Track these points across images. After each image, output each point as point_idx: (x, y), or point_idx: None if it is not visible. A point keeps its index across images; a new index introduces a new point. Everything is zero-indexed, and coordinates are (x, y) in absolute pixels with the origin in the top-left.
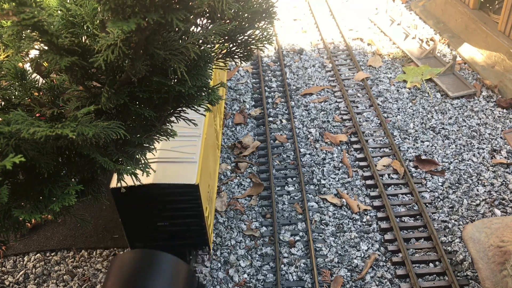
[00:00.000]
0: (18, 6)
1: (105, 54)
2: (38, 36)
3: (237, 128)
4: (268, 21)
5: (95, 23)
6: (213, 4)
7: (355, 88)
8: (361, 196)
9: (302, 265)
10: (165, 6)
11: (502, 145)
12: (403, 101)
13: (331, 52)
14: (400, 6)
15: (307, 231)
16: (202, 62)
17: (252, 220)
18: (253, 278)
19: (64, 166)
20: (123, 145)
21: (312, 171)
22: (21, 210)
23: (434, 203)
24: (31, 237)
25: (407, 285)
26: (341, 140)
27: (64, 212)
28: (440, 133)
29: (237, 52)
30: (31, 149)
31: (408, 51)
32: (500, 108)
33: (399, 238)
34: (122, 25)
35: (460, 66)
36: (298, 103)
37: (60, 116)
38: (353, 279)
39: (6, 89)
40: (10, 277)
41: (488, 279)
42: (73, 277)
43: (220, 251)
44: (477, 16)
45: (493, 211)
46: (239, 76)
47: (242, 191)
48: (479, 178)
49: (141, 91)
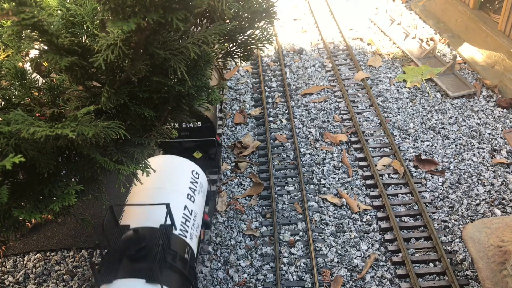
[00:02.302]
0: (18, 6)
1: (105, 54)
2: (38, 36)
3: (237, 128)
4: (268, 21)
5: (95, 23)
6: (213, 4)
7: (355, 88)
8: (361, 196)
9: (302, 265)
10: (165, 6)
11: (502, 145)
12: (403, 101)
13: (331, 52)
14: (400, 6)
15: (307, 230)
16: (202, 62)
17: (252, 220)
18: (253, 278)
19: (64, 166)
20: (123, 145)
21: (312, 171)
22: (21, 210)
23: (434, 203)
24: (31, 237)
25: (407, 284)
26: (341, 140)
27: (64, 212)
28: (440, 133)
29: (237, 51)
30: (31, 149)
31: (408, 51)
32: (500, 107)
33: (399, 237)
34: (122, 25)
35: (460, 66)
36: (298, 102)
37: (60, 116)
38: (353, 279)
39: (6, 89)
40: (10, 277)
41: (488, 279)
42: (73, 277)
43: (220, 251)
44: (477, 16)
45: (493, 211)
46: (239, 76)
47: (242, 191)
48: (479, 177)
49: (141, 91)
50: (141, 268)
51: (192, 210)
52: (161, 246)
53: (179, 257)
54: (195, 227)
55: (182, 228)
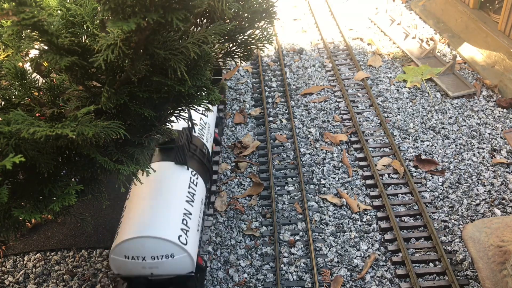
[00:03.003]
0: (18, 6)
1: (105, 54)
2: (38, 36)
3: (237, 127)
4: (268, 20)
5: (95, 23)
6: (213, 4)
7: (355, 87)
8: (361, 196)
9: (302, 265)
10: (165, 5)
11: (502, 145)
12: (403, 101)
13: (331, 51)
14: (400, 6)
15: (307, 230)
16: (202, 61)
17: (252, 219)
18: (253, 278)
19: (64, 166)
20: (123, 144)
21: (312, 170)
22: (21, 210)
23: (434, 203)
24: (31, 237)
25: (407, 284)
26: (341, 139)
27: (64, 212)
28: (440, 132)
29: (237, 51)
30: (31, 149)
31: (408, 51)
32: (500, 107)
33: (399, 237)
34: (122, 25)
35: (460, 66)
36: (298, 102)
37: (60, 115)
38: (353, 278)
39: (6, 89)
40: (10, 277)
41: (488, 279)
42: (73, 276)
43: (220, 250)
44: (477, 15)
45: (493, 211)
46: (239, 75)
47: (242, 190)
48: (479, 177)
49: (141, 91)
50: (171, 153)
51: (207, 123)
52: (185, 137)
53: (198, 151)
54: (209, 135)
55: (199, 132)
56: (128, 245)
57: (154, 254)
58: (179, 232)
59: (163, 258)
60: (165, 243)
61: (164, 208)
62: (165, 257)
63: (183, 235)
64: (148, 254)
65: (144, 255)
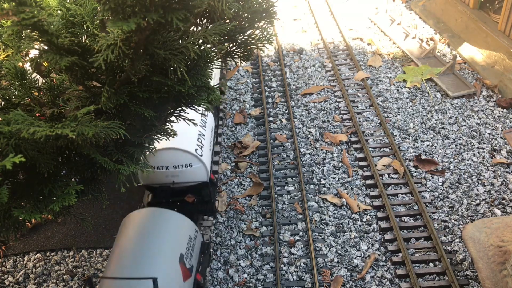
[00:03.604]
0: (18, 6)
1: (105, 54)
2: (38, 36)
3: (237, 127)
4: (268, 21)
5: (95, 23)
6: (213, 4)
7: (355, 87)
8: (361, 196)
9: (302, 265)
10: (165, 5)
11: (502, 145)
12: (403, 101)
13: (331, 51)
14: (400, 6)
15: (307, 230)
16: (202, 61)
17: (252, 219)
18: (253, 278)
19: (64, 166)
20: (123, 144)
21: (312, 170)
22: (21, 210)
23: (434, 203)
24: (31, 237)
25: (407, 284)
26: (341, 139)
27: (64, 212)
28: (440, 132)
29: (237, 51)
30: (31, 149)
31: (408, 51)
32: (500, 107)
33: (399, 237)
34: (122, 25)
35: (460, 66)
36: (298, 102)
37: (60, 116)
38: (353, 278)
39: (6, 89)
40: (10, 277)
41: (488, 279)
42: (73, 276)
43: (220, 250)
44: (477, 15)
45: (493, 211)
46: (239, 75)
47: (242, 190)
48: (479, 177)
49: (141, 91)
50: None
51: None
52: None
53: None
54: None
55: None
56: (154, 156)
57: (175, 163)
58: (195, 146)
59: (183, 167)
60: (185, 154)
61: (182, 128)
62: (185, 166)
63: (198, 149)
64: (170, 163)
65: (167, 164)
